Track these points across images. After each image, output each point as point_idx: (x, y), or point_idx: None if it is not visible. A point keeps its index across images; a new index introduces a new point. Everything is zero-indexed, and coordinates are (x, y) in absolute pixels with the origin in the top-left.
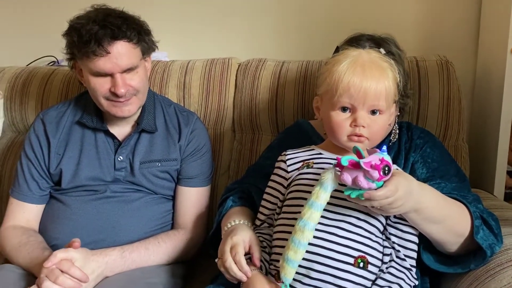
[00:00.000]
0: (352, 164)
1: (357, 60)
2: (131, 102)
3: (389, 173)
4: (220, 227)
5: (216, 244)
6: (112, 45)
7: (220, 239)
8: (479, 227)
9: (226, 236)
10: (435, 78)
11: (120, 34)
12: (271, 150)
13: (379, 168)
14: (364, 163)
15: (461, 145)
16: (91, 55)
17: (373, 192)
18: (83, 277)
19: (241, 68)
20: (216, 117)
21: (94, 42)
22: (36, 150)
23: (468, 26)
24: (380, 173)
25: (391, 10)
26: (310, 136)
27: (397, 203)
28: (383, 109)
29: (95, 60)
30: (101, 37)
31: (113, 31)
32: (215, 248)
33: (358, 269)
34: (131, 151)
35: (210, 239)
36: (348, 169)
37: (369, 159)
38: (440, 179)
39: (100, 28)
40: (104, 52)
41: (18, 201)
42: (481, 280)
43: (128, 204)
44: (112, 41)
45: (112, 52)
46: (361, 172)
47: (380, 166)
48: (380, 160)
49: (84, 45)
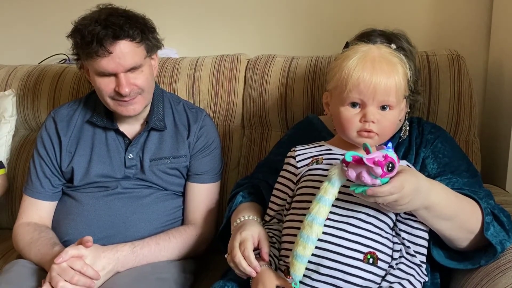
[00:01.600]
0: (356, 160)
1: (367, 55)
2: (136, 101)
3: (393, 170)
4: (230, 222)
5: (226, 239)
6: (115, 45)
7: (230, 235)
8: (490, 223)
9: (235, 231)
10: (446, 73)
11: (122, 34)
12: (281, 146)
13: (382, 165)
14: (367, 159)
15: (472, 140)
16: (94, 55)
17: (376, 189)
18: (95, 275)
19: (250, 64)
20: (226, 114)
21: (96, 42)
22: (48, 148)
23: (480, 20)
24: (383, 169)
25: (401, 4)
26: (320, 132)
27: (403, 200)
28: (393, 104)
29: (98, 61)
30: (102, 37)
31: (115, 30)
32: (225, 243)
33: (367, 265)
34: (141, 149)
35: (220, 234)
36: (353, 165)
37: (372, 155)
38: (451, 174)
39: (102, 29)
40: (106, 52)
41: (31, 199)
42: (492, 276)
43: (139, 200)
44: (114, 41)
45: (114, 52)
46: (365, 168)
47: (384, 162)
48: (384, 156)
49: (87, 46)
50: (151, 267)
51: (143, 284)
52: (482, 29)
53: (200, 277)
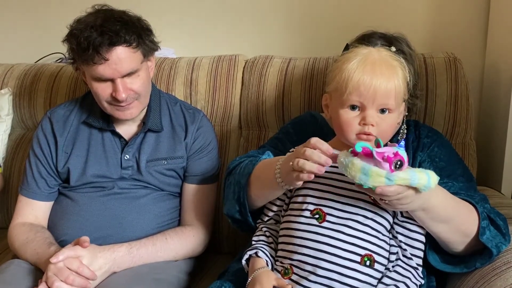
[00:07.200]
0: (365, 152)
1: (367, 58)
2: (132, 106)
3: (401, 169)
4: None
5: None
6: (111, 51)
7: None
8: (486, 228)
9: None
10: (443, 75)
11: (119, 40)
12: (282, 132)
13: (390, 161)
14: (377, 153)
15: (468, 142)
16: (90, 62)
17: (385, 188)
18: (92, 275)
19: (248, 65)
20: (223, 114)
21: (92, 49)
22: (44, 148)
23: (477, 23)
24: (391, 166)
25: (398, 7)
26: (322, 127)
27: (406, 200)
28: (393, 107)
29: (95, 67)
30: (98, 45)
31: (111, 37)
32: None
33: (364, 267)
34: (138, 150)
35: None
36: (362, 156)
37: (383, 149)
38: (447, 179)
39: (97, 35)
40: (103, 59)
41: (27, 199)
42: (487, 279)
43: (135, 200)
44: (110, 48)
45: (111, 59)
46: (372, 162)
47: (393, 159)
48: (394, 153)
49: (83, 52)
50: (147, 267)
51: (140, 284)
52: (479, 32)
53: (197, 277)
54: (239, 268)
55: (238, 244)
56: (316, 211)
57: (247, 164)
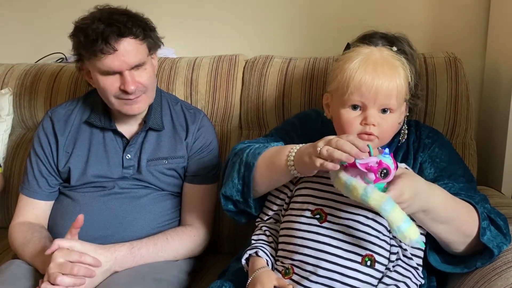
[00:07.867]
0: (350, 164)
1: (369, 58)
2: (140, 100)
3: (388, 176)
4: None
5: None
6: (119, 42)
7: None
8: (486, 228)
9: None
10: (443, 75)
11: (127, 31)
12: (294, 126)
13: (375, 171)
14: (360, 164)
15: (469, 142)
16: (99, 53)
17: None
18: (96, 262)
19: (248, 65)
20: (223, 114)
21: (101, 40)
22: (45, 147)
23: (477, 23)
24: (376, 175)
25: (399, 7)
26: (326, 124)
27: (402, 205)
28: (394, 107)
29: (103, 59)
30: (107, 35)
31: (119, 28)
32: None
33: (365, 267)
34: (139, 149)
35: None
36: (349, 169)
37: (366, 160)
38: (448, 179)
39: (106, 26)
40: (112, 49)
41: (27, 198)
42: (487, 278)
43: (136, 200)
44: (118, 39)
45: (119, 50)
46: (359, 173)
47: (377, 169)
48: (377, 162)
49: (91, 44)
50: (148, 267)
51: (140, 284)
52: (479, 32)
53: (197, 277)
54: (239, 267)
55: (238, 244)
56: (317, 211)
57: (259, 147)
